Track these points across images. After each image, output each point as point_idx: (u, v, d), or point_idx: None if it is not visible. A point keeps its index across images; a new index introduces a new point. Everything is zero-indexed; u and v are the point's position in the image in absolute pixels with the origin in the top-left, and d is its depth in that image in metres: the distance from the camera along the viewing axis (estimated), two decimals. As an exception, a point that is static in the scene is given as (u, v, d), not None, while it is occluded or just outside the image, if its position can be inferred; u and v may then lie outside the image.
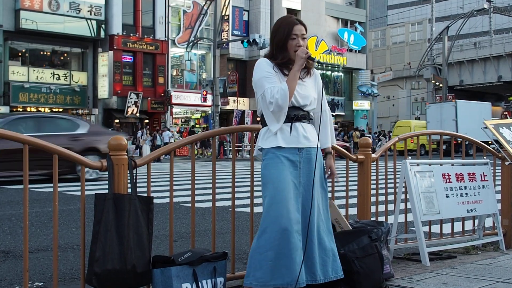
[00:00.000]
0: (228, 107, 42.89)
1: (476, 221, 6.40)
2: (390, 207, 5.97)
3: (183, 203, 10.51)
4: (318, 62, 4.18)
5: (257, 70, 3.95)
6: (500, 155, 6.49)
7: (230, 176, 4.61)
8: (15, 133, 3.61)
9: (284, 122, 3.90)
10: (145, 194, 3.94)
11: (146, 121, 41.53)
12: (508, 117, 51.21)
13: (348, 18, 53.85)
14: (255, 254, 3.80)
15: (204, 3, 39.63)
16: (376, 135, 48.07)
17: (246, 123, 41.28)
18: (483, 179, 6.13)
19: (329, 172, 4.16)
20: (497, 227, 6.24)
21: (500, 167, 6.65)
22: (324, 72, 51.99)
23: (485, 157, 6.49)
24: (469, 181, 6.00)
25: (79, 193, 3.62)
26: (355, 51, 53.96)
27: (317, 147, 4.04)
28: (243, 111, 43.06)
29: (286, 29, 3.98)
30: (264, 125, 3.99)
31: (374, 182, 5.67)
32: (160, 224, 8.05)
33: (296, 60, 3.91)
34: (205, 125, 42.70)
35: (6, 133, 3.53)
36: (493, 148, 6.66)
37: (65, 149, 3.78)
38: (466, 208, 5.90)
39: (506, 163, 6.35)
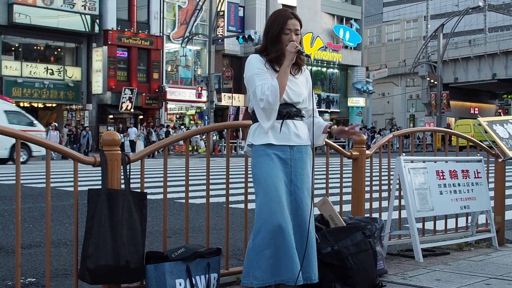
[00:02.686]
0: (223, 103, 42.83)
1: (469, 217, 6.42)
2: (384, 203, 5.98)
3: (178, 199, 10.51)
4: (308, 56, 4.11)
5: (248, 67, 3.91)
6: (493, 152, 6.51)
7: (225, 172, 4.60)
8: (8, 128, 3.60)
9: (276, 119, 3.85)
10: (139, 190, 3.94)
11: (141, 117, 41.49)
12: (502, 114, 51.33)
13: (344, 15, 53.85)
14: (253, 254, 3.78)
15: (199, -1, 39.61)
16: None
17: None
18: (476, 176, 6.14)
19: (353, 129, 4.07)
20: (490, 223, 6.26)
21: (493, 164, 6.67)
22: (320, 68, 52.00)
23: (478, 154, 6.50)
24: (463, 178, 6.01)
25: (72, 188, 3.62)
26: (351, 48, 53.97)
27: (309, 145, 4.01)
28: (238, 108, 43.04)
29: (280, 23, 3.91)
30: (255, 121, 3.94)
31: (369, 178, 5.68)
32: (154, 220, 8.05)
33: (286, 55, 3.85)
34: (200, 121, 42.68)
35: (-1, 128, 3.52)
36: (486, 145, 6.68)
37: (58, 144, 3.78)
38: (460, 204, 5.91)
39: (499, 160, 6.37)
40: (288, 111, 3.89)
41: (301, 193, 3.90)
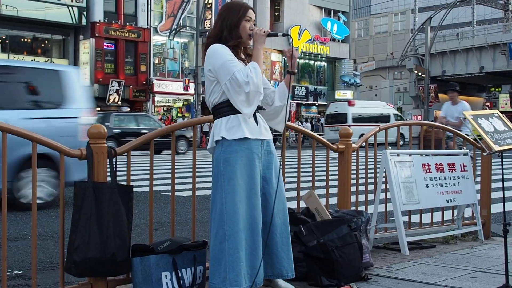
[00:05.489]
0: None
1: (456, 211, 6.46)
2: (370, 197, 6.00)
3: (164, 192, 10.50)
4: (286, 35, 4.04)
5: (217, 55, 3.72)
6: (479, 146, 6.54)
7: (211, 165, 4.60)
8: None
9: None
10: (125, 183, 3.94)
11: (128, 109, 41.31)
12: (489, 108, 51.52)
13: (332, 7, 53.84)
14: (226, 256, 3.68)
15: (187, -9, 39.48)
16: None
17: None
18: (462, 169, 6.18)
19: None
20: (476, 217, 6.29)
21: (480, 158, 6.71)
22: (307, 61, 52.02)
23: (465, 148, 6.53)
24: (449, 171, 6.04)
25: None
26: (338, 40, 53.99)
27: (272, 139, 3.96)
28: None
29: (239, 11, 3.83)
30: (220, 116, 3.79)
31: (355, 171, 5.70)
32: (141, 212, 8.04)
33: (256, 39, 3.78)
34: (187, 114, 42.61)
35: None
36: (472, 138, 6.71)
37: (43, 136, 3.76)
38: (446, 198, 5.95)
39: (484, 154, 6.40)
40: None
41: (270, 188, 3.86)
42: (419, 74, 55.96)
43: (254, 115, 3.79)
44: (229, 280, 3.66)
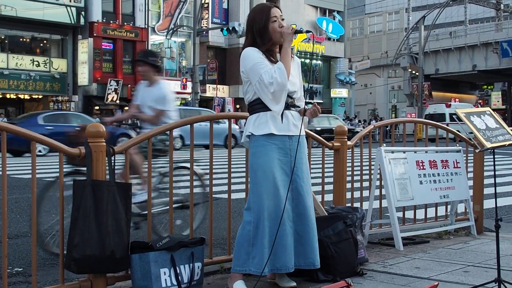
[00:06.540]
0: (207, 94, 42.75)
1: (449, 207, 6.52)
2: (365, 193, 6.06)
3: (162, 190, 10.52)
4: (309, 31, 4.16)
5: (248, 58, 3.96)
6: (471, 143, 6.61)
7: (208, 163, 4.66)
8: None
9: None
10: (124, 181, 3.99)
11: (126, 108, 41.28)
12: (482, 105, 51.55)
13: (327, 7, 53.82)
14: (248, 241, 3.92)
15: (183, -9, 39.44)
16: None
17: (229, 110, 41.45)
18: (455, 166, 6.25)
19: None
20: (469, 212, 6.36)
21: (472, 155, 6.78)
22: (303, 60, 52.01)
23: (457, 145, 6.60)
24: (442, 168, 6.11)
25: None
26: (333, 39, 53.97)
27: (304, 135, 4.11)
28: (224, 99, 43.03)
29: (263, 14, 4.01)
30: (253, 112, 4.02)
31: (350, 169, 5.76)
32: (138, 211, 8.07)
33: (284, 38, 3.95)
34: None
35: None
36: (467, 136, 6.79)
37: (44, 136, 3.82)
38: (439, 194, 6.01)
39: (477, 151, 6.47)
40: (286, 102, 3.99)
41: (302, 181, 4.04)
42: (413, 72, 55.91)
43: (282, 112, 3.97)
44: (253, 264, 3.90)
